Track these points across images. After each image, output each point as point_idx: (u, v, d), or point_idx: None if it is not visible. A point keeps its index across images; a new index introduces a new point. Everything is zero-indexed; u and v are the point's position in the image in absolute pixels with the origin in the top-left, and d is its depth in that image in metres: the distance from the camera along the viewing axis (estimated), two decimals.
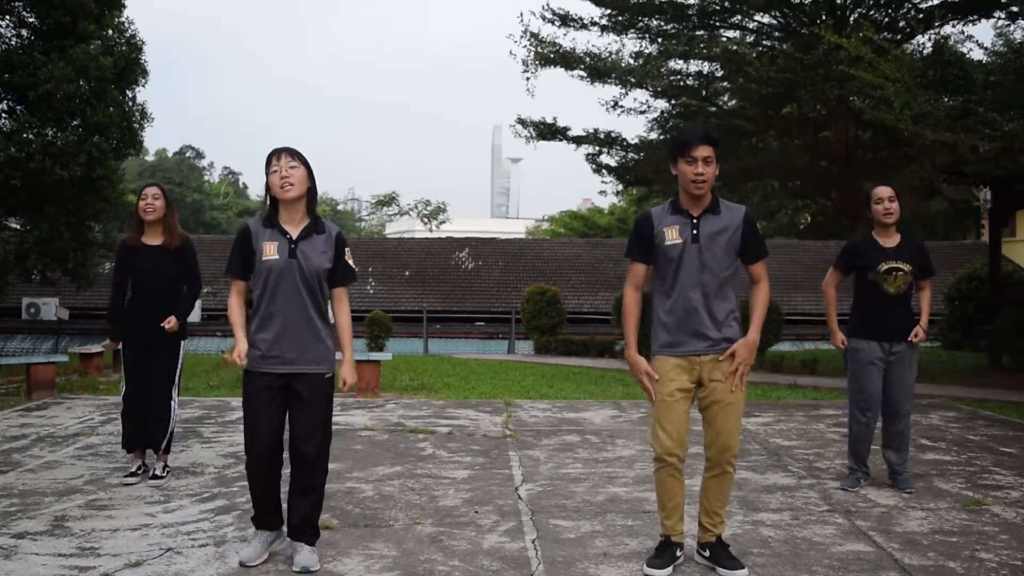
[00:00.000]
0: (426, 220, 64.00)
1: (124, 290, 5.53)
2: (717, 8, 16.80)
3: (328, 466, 3.92)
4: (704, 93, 16.99)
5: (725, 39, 16.29)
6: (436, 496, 5.04)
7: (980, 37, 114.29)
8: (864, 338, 5.17)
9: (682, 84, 16.57)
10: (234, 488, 5.19)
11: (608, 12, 16.71)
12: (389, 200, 66.41)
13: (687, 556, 3.93)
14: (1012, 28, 15.83)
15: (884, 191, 5.18)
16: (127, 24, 12.72)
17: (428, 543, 4.15)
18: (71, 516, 4.59)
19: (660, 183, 19.15)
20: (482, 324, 24.56)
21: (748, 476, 5.51)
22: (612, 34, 17.05)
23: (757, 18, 17.18)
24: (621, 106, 17.21)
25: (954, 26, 14.88)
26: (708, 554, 3.81)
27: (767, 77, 13.88)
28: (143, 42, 12.73)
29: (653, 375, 3.71)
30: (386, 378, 10.86)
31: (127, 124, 12.11)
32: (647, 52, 16.62)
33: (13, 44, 11.91)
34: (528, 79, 16.92)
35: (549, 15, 16.82)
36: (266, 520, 3.88)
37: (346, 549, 4.05)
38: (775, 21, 17.05)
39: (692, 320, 3.67)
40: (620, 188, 19.72)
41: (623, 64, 15.81)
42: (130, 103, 12.46)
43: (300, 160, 3.77)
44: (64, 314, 22.20)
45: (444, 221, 63.63)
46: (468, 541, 4.19)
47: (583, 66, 15.90)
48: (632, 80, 15.52)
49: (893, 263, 5.09)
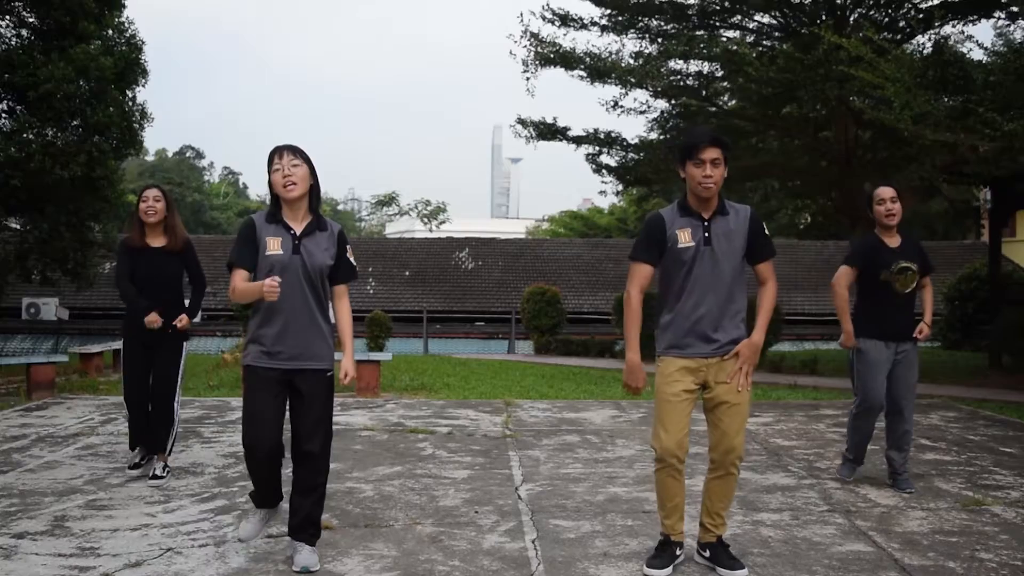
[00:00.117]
0: (426, 220, 64.04)
1: (131, 279, 5.42)
2: (717, 8, 16.77)
3: (330, 465, 3.92)
4: (704, 93, 16.95)
5: (725, 39, 16.25)
6: (436, 496, 5.04)
7: (980, 37, 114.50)
8: (872, 338, 5.15)
9: (682, 84, 16.53)
10: (234, 488, 5.19)
11: (608, 12, 16.68)
12: (389, 200, 66.49)
13: (687, 556, 3.93)
14: (1012, 28, 15.79)
15: (886, 192, 5.17)
16: (127, 24, 12.72)
17: (428, 543, 4.15)
18: (71, 516, 4.59)
19: (660, 183, 19.10)
20: (482, 324, 24.57)
21: (748, 476, 5.51)
22: (612, 34, 17.00)
23: (757, 18, 17.14)
24: (621, 106, 17.16)
25: (954, 26, 14.84)
26: (708, 554, 3.81)
27: (767, 77, 13.85)
28: (143, 42, 12.73)
29: (644, 387, 3.76)
30: (386, 378, 10.86)
31: (127, 124, 12.11)
32: (647, 52, 16.58)
33: (13, 44, 11.91)
34: (528, 79, 16.87)
35: (549, 15, 16.78)
36: (267, 501, 3.90)
37: (346, 549, 4.05)
38: (775, 21, 17.01)
39: (702, 323, 3.66)
40: (620, 188, 19.64)
41: (623, 64, 15.77)
42: (130, 103, 12.45)
43: (302, 158, 3.76)
44: (64, 314, 22.21)
45: (444, 221, 63.70)
46: (468, 541, 4.19)
47: (583, 66, 15.86)
48: (632, 80, 15.48)
49: (904, 262, 5.10)
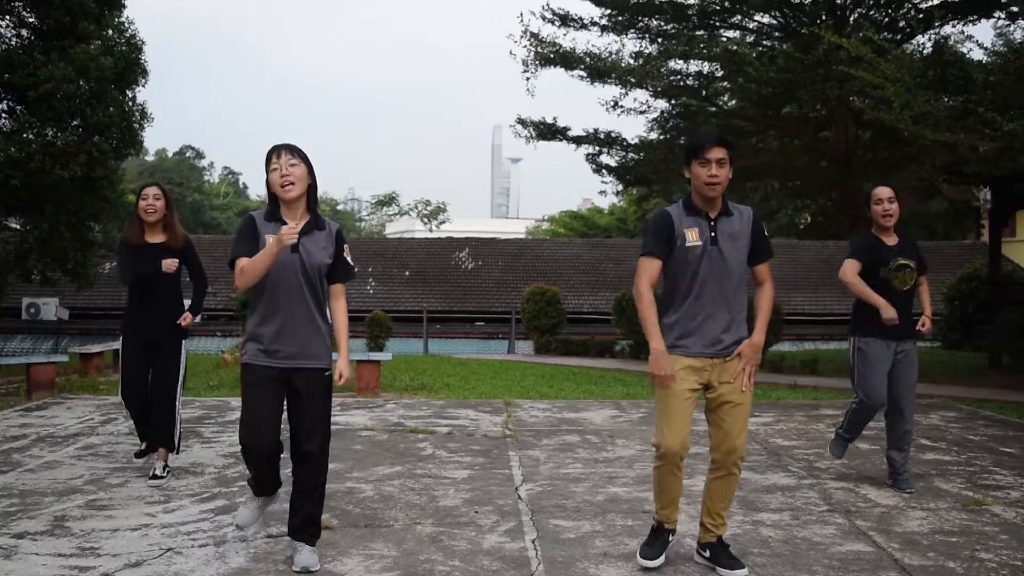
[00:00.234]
0: (426, 220, 64.08)
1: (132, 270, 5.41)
2: (717, 8, 16.77)
3: (328, 464, 3.92)
4: (704, 93, 16.95)
5: (725, 39, 16.25)
6: (436, 496, 5.04)
7: (980, 37, 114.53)
8: (874, 336, 5.15)
9: (682, 84, 16.53)
10: (234, 488, 5.19)
11: (608, 12, 16.68)
12: (389, 200, 66.53)
13: (687, 556, 3.94)
14: (1012, 28, 15.80)
15: (884, 192, 5.16)
16: (127, 24, 12.72)
17: (428, 543, 4.15)
18: (71, 516, 4.59)
19: (660, 183, 19.12)
20: (482, 324, 24.56)
21: (748, 476, 5.50)
22: (612, 34, 17.00)
23: (757, 18, 17.15)
24: (621, 106, 17.16)
25: (954, 26, 14.84)
26: (708, 554, 3.82)
27: (767, 77, 13.86)
28: (143, 42, 12.74)
29: (674, 377, 3.59)
30: (386, 378, 10.86)
31: (127, 124, 12.11)
32: (647, 52, 16.58)
33: (13, 44, 11.92)
34: (528, 79, 16.88)
35: (549, 15, 16.78)
36: (267, 490, 3.89)
37: (346, 549, 4.05)
38: (775, 21, 17.02)
39: (708, 323, 3.66)
40: (620, 188, 19.63)
41: (623, 64, 15.77)
42: (130, 103, 12.46)
43: (300, 157, 3.74)
44: (64, 314, 22.22)
45: (444, 221, 63.73)
46: (468, 541, 4.19)
47: (583, 66, 15.86)
48: (632, 80, 15.48)
49: (903, 259, 5.10)
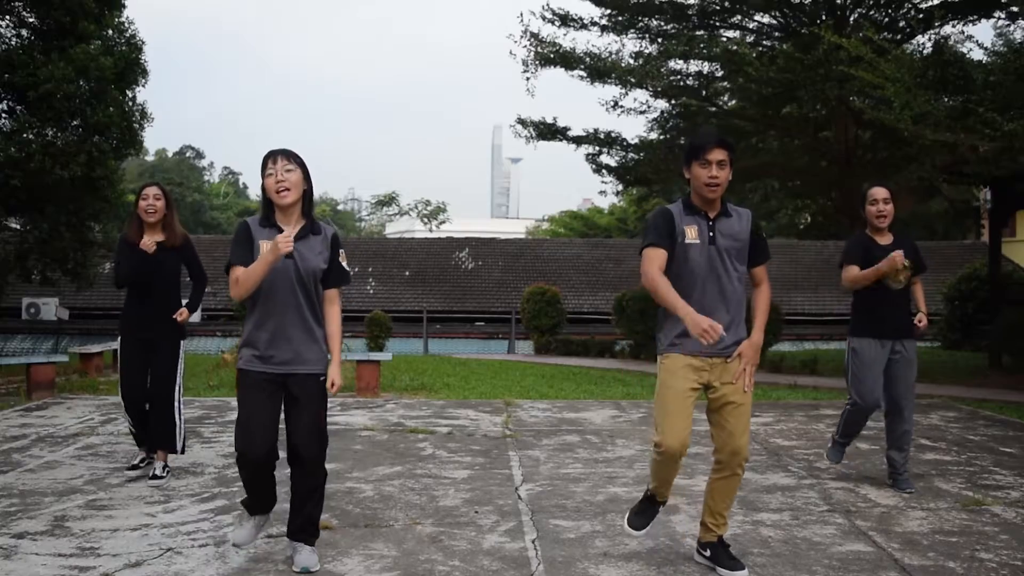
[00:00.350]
0: (426, 220, 64.09)
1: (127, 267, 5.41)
2: (717, 8, 16.78)
3: (327, 466, 3.92)
4: (704, 93, 16.96)
5: (725, 39, 16.26)
6: (436, 496, 5.04)
7: (980, 37, 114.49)
8: (867, 336, 5.15)
9: (682, 84, 16.54)
10: (234, 488, 5.18)
11: (608, 12, 16.69)
12: (389, 200, 66.54)
13: (687, 556, 3.95)
14: (1012, 28, 15.81)
15: (879, 192, 5.14)
16: (127, 24, 12.71)
17: (428, 543, 4.15)
18: (71, 516, 4.59)
19: (660, 183, 19.12)
20: (482, 324, 24.55)
21: (748, 476, 5.49)
22: (612, 34, 17.02)
23: (757, 18, 17.16)
24: (621, 106, 17.18)
25: (954, 26, 14.86)
26: (709, 554, 3.82)
27: (767, 77, 13.87)
28: (143, 42, 12.72)
29: (719, 329, 3.38)
30: (386, 378, 10.86)
31: (127, 124, 12.10)
32: (647, 52, 16.59)
33: (13, 44, 11.91)
34: (528, 79, 16.90)
35: (549, 15, 16.79)
36: (260, 507, 3.87)
37: (346, 549, 4.05)
38: (775, 21, 17.03)
39: None
40: (620, 188, 19.64)
41: (623, 64, 15.77)
42: (130, 103, 12.45)
43: (296, 162, 3.73)
44: (64, 314, 22.21)
45: (444, 221, 63.74)
46: (468, 541, 4.19)
47: (583, 66, 15.87)
48: (632, 80, 15.49)
49: None
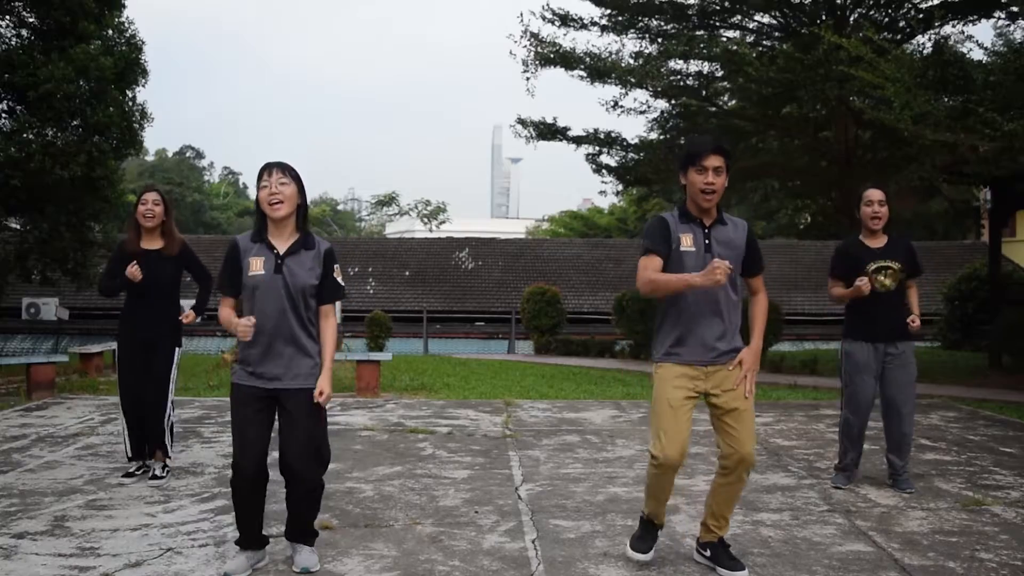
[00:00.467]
0: (426, 220, 64.06)
1: (116, 279, 5.46)
2: (717, 8, 16.79)
3: (323, 478, 3.91)
4: (704, 93, 16.96)
5: (725, 39, 16.26)
6: (436, 496, 5.04)
7: (980, 37, 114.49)
8: (859, 340, 5.14)
9: (682, 84, 16.54)
10: None
11: (608, 12, 16.69)
12: (389, 200, 66.50)
13: (687, 556, 3.95)
14: (1012, 28, 15.81)
15: (875, 194, 5.12)
16: (127, 24, 12.69)
17: (428, 543, 4.15)
18: (71, 516, 4.59)
19: (660, 183, 19.10)
20: (482, 324, 24.56)
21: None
22: (612, 34, 17.02)
23: (757, 18, 17.17)
24: (621, 106, 17.17)
25: (954, 26, 14.87)
26: (709, 554, 3.82)
27: (767, 77, 13.87)
28: (143, 42, 12.71)
29: (726, 269, 3.40)
30: (386, 378, 10.86)
31: (127, 124, 12.09)
32: (647, 52, 16.59)
33: (13, 44, 11.90)
34: (528, 79, 16.90)
35: (549, 15, 16.79)
36: (250, 543, 3.81)
37: (346, 549, 4.05)
38: (775, 21, 17.04)
39: (702, 330, 3.65)
40: (620, 188, 19.67)
41: (623, 64, 15.78)
42: (130, 103, 12.44)
43: (291, 176, 3.74)
44: (64, 314, 22.20)
45: (444, 221, 63.71)
46: (468, 541, 4.19)
47: (583, 66, 15.87)
48: (632, 80, 15.49)
49: (881, 261, 5.08)
